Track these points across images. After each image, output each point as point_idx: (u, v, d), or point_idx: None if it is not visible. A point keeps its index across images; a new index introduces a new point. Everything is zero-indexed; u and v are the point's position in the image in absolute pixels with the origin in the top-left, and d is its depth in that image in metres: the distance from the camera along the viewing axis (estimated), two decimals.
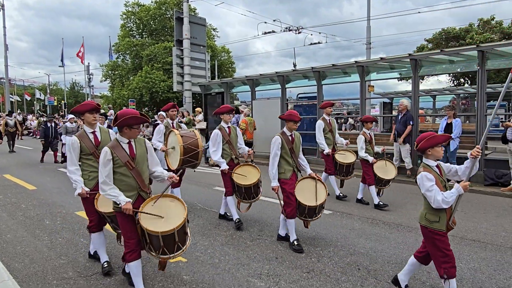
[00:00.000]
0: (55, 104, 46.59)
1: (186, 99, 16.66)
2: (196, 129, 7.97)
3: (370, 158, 6.74)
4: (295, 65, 32.84)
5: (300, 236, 5.14)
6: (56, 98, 49.54)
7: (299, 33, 23.82)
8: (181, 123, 7.09)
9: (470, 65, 10.24)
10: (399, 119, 9.21)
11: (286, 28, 23.64)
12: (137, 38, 35.63)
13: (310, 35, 45.44)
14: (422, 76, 12.48)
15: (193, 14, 27.06)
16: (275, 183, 4.77)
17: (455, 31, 27.38)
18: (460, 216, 6.25)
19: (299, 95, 18.59)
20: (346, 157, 7.22)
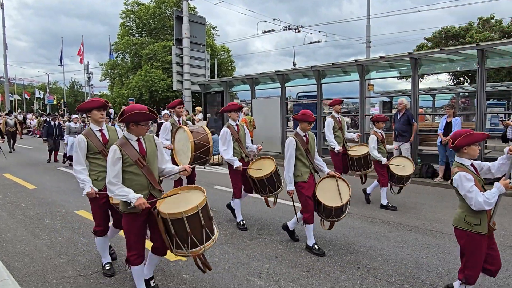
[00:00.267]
0: (55, 103, 46.61)
1: (185, 98, 16.64)
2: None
3: (383, 159, 6.55)
4: (294, 64, 32.87)
5: (298, 234, 5.15)
6: (55, 97, 49.60)
7: (299, 32, 23.81)
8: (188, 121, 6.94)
9: (469, 64, 10.23)
10: (399, 118, 9.20)
11: (285, 27, 23.62)
12: (136, 37, 35.60)
13: (309, 34, 45.58)
14: (421, 75, 12.49)
15: (192, 13, 27.06)
16: (291, 187, 4.55)
17: (454, 29, 27.38)
18: None
19: (299, 94, 18.61)
20: (359, 150, 6.98)
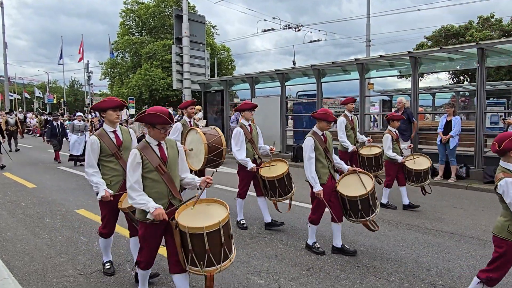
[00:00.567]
0: (55, 102, 46.58)
1: (185, 97, 16.63)
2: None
3: (399, 157, 6.36)
4: (294, 63, 32.79)
5: (299, 232, 5.16)
6: (55, 96, 49.57)
7: (299, 30, 23.77)
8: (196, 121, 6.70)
9: (469, 63, 10.23)
10: None
11: (285, 25, 23.58)
12: (136, 36, 35.59)
13: (309, 32, 45.28)
14: (421, 73, 12.49)
15: (192, 11, 27.04)
16: (318, 187, 4.31)
17: (454, 28, 27.37)
18: (459, 213, 6.27)
19: (299, 93, 18.57)
20: (371, 150, 6.89)
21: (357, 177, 4.48)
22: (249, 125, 5.40)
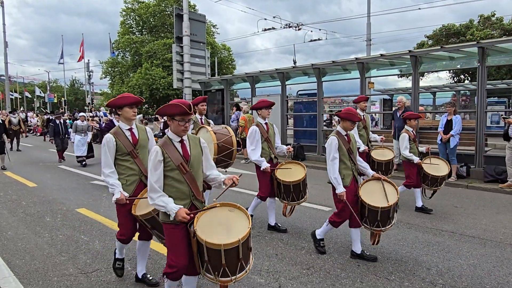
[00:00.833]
0: (55, 101, 46.60)
1: (186, 96, 16.62)
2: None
3: (415, 158, 6.12)
4: (295, 62, 32.75)
5: (299, 231, 5.16)
6: (56, 95, 49.60)
7: (299, 29, 23.75)
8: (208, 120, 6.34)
9: (470, 62, 10.22)
10: (399, 116, 9.20)
11: (286, 24, 23.57)
12: (136, 35, 35.58)
13: (310, 31, 45.33)
14: (422, 72, 12.47)
15: (193, 10, 27.00)
16: (341, 189, 4.16)
17: (455, 27, 27.31)
18: (459, 212, 6.26)
19: (299, 92, 18.56)
20: (384, 155, 6.64)
21: (381, 185, 4.29)
22: (266, 124, 5.24)
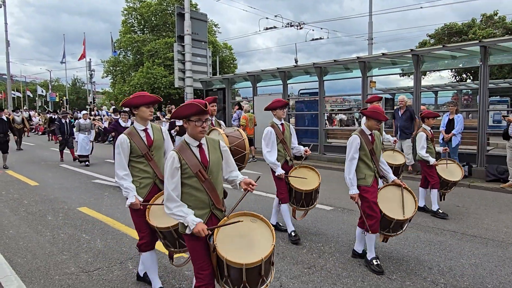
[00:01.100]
0: (57, 100, 46.68)
1: (187, 95, 16.63)
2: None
3: (431, 159, 5.90)
4: (296, 61, 32.73)
5: (300, 231, 5.15)
6: (57, 94, 49.68)
7: (301, 28, 23.73)
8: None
9: (472, 61, 10.20)
10: (400, 115, 9.18)
11: (287, 23, 23.57)
12: (138, 34, 35.59)
13: (311, 30, 45.09)
14: (424, 71, 12.43)
15: (194, 9, 27.01)
16: (354, 191, 4.00)
17: (457, 26, 27.22)
18: (461, 212, 6.25)
19: (301, 91, 18.56)
20: (395, 158, 6.40)
21: (400, 192, 4.11)
22: (282, 125, 4.95)
